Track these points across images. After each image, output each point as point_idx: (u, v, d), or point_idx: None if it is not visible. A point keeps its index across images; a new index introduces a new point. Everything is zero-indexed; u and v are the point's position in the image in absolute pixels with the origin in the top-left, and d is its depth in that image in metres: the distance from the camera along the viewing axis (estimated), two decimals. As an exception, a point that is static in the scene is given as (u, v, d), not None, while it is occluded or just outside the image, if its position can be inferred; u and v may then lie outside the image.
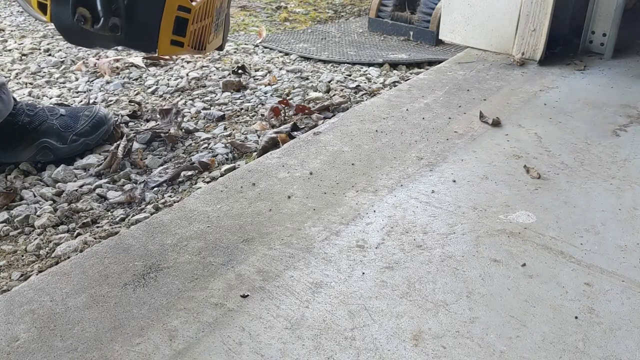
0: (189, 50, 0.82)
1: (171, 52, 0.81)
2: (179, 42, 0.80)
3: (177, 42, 0.80)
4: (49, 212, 1.02)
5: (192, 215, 0.95)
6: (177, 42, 0.80)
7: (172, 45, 0.80)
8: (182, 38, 0.80)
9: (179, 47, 0.80)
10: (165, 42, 0.79)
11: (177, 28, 0.79)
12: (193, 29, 0.80)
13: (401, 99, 1.39)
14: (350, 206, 0.98)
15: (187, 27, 0.79)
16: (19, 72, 1.63)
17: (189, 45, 0.81)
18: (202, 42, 0.85)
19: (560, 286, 0.80)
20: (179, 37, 0.80)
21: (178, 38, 0.80)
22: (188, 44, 0.80)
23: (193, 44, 0.82)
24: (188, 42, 0.80)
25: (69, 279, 0.81)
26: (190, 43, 0.81)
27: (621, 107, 1.34)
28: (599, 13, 1.61)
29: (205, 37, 0.85)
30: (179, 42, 0.80)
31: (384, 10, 1.99)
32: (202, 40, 0.85)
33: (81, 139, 1.19)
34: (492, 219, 0.94)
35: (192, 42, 0.81)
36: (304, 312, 0.76)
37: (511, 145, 1.17)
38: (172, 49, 0.80)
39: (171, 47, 0.80)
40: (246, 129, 1.33)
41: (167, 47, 0.80)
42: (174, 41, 0.80)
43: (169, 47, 0.80)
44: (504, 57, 1.64)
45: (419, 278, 0.81)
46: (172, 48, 0.80)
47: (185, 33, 0.79)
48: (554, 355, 0.69)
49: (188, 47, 0.81)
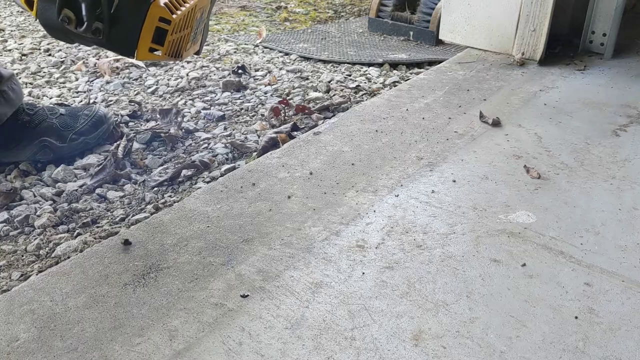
0: (166, 58, 0.86)
1: (148, 58, 0.85)
2: (157, 50, 0.84)
3: (156, 50, 0.84)
4: (49, 212, 1.02)
5: (192, 215, 0.95)
6: (155, 50, 0.84)
7: (150, 52, 0.84)
8: (161, 47, 0.83)
9: (157, 55, 0.84)
10: (143, 50, 0.83)
11: (157, 37, 0.83)
12: (172, 39, 0.84)
13: (401, 99, 1.39)
14: (350, 206, 0.98)
15: (166, 37, 0.83)
16: (19, 72, 1.63)
17: (166, 54, 0.85)
18: (179, 51, 0.88)
19: (560, 286, 0.80)
20: (158, 45, 0.83)
21: (156, 47, 0.83)
22: (165, 52, 0.84)
23: (170, 53, 0.86)
24: (166, 51, 0.84)
25: (69, 279, 0.81)
26: (167, 52, 0.85)
27: (621, 107, 1.34)
28: (599, 13, 1.61)
29: (182, 46, 0.89)
30: (157, 51, 0.84)
31: (384, 10, 1.99)
32: (180, 49, 0.88)
33: (81, 138, 1.19)
34: (492, 219, 0.94)
35: (169, 51, 0.85)
36: (304, 312, 0.76)
37: (511, 145, 1.17)
38: (149, 55, 0.84)
39: (149, 54, 0.84)
40: (246, 129, 1.33)
41: (145, 54, 0.83)
42: (152, 49, 0.84)
43: (147, 54, 0.84)
44: (504, 57, 1.64)
45: (419, 278, 0.81)
46: (149, 55, 0.84)
47: (164, 43, 0.83)
48: (554, 355, 0.69)
49: (165, 56, 0.85)
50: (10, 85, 1.14)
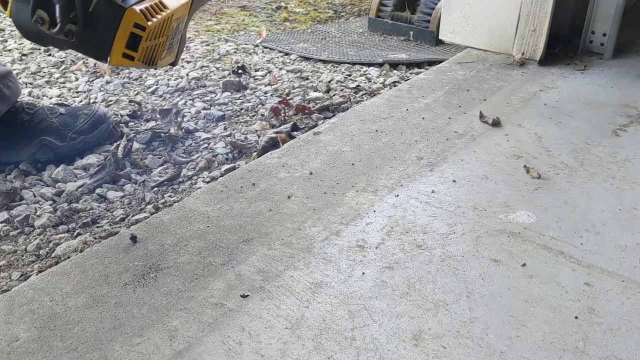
0: (139, 65, 0.86)
1: (122, 64, 0.84)
2: (130, 56, 0.83)
3: (129, 56, 0.83)
4: (49, 212, 1.02)
5: (192, 215, 0.95)
6: (128, 56, 0.83)
7: (123, 57, 0.83)
8: (134, 53, 0.83)
9: (130, 61, 0.84)
10: (117, 55, 0.82)
11: (131, 43, 0.82)
12: (146, 45, 0.84)
13: (401, 99, 1.39)
14: (350, 206, 0.98)
15: (140, 43, 0.83)
16: (19, 72, 1.63)
17: (140, 60, 0.84)
18: (153, 58, 0.88)
19: (560, 286, 0.80)
20: (132, 51, 0.83)
21: (130, 52, 0.83)
22: (139, 59, 0.84)
23: (144, 60, 0.85)
24: (139, 57, 0.83)
25: (69, 279, 0.81)
26: (141, 58, 0.84)
27: (621, 107, 1.34)
28: (599, 13, 1.61)
29: (157, 54, 0.88)
30: (131, 56, 0.83)
31: (384, 10, 1.99)
32: (154, 57, 0.88)
33: (80, 137, 1.20)
34: (492, 219, 0.94)
35: (143, 57, 0.84)
36: (304, 312, 0.76)
37: (511, 145, 1.17)
38: (123, 61, 0.83)
39: (122, 59, 0.83)
40: (246, 129, 1.33)
41: (118, 59, 0.83)
42: (126, 54, 0.83)
43: (120, 59, 0.83)
44: (504, 57, 1.64)
45: (419, 278, 0.81)
46: (123, 60, 0.83)
47: (137, 49, 0.83)
48: (554, 355, 0.69)
49: (139, 62, 0.84)
50: (6, 82, 1.14)
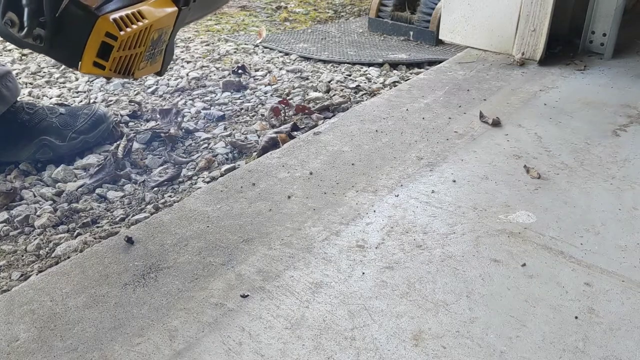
0: (112, 74, 0.83)
1: (92, 72, 0.82)
2: (101, 65, 0.81)
3: (100, 65, 0.81)
4: (49, 212, 1.02)
5: (192, 215, 0.95)
6: (99, 65, 0.81)
7: (94, 66, 0.81)
8: (105, 62, 0.81)
9: (101, 70, 0.82)
10: (87, 63, 0.80)
11: (102, 52, 0.80)
12: (118, 56, 0.82)
13: (401, 99, 1.39)
14: (350, 206, 0.98)
15: (111, 53, 0.81)
16: (19, 72, 1.63)
17: (111, 70, 0.82)
18: (129, 68, 0.86)
19: (560, 286, 0.80)
20: (102, 60, 0.81)
21: (101, 61, 0.81)
22: (110, 68, 0.82)
23: (116, 69, 0.83)
24: (110, 66, 0.81)
25: (69, 279, 0.81)
26: (112, 68, 0.82)
27: (621, 107, 1.34)
28: (599, 13, 1.61)
29: (134, 64, 0.86)
30: (101, 65, 0.81)
31: (384, 10, 1.99)
32: (130, 67, 0.86)
33: (80, 137, 1.20)
34: (492, 219, 0.94)
35: (115, 67, 0.82)
36: (304, 312, 0.76)
37: (511, 145, 1.17)
38: (93, 69, 0.81)
39: (93, 68, 0.81)
40: (246, 129, 1.33)
41: (89, 67, 0.81)
42: (97, 63, 0.81)
43: (91, 68, 0.81)
44: (504, 57, 1.64)
45: (419, 278, 0.81)
46: (93, 69, 0.81)
47: (109, 58, 0.81)
48: (554, 355, 0.69)
49: (110, 71, 0.82)
50: (4, 83, 1.14)
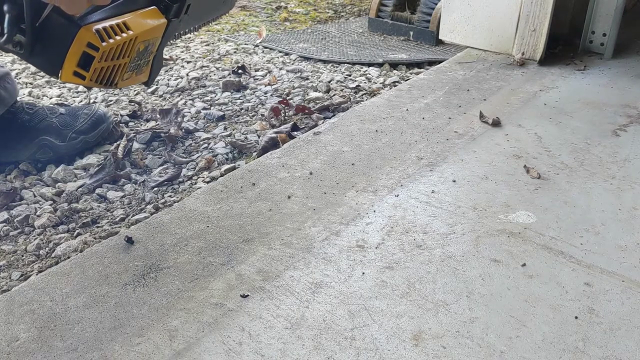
0: (93, 84, 0.82)
1: (73, 82, 0.81)
2: (81, 75, 0.80)
3: (80, 75, 0.80)
4: (49, 212, 1.02)
5: (192, 215, 0.95)
6: (79, 75, 0.80)
7: (74, 76, 0.80)
8: (86, 72, 0.80)
9: (81, 80, 0.81)
10: (68, 72, 0.79)
11: (84, 62, 0.79)
12: (99, 66, 0.81)
13: (401, 99, 1.39)
14: (350, 206, 0.98)
15: (92, 63, 0.79)
16: (19, 72, 1.63)
17: (92, 80, 0.81)
18: (111, 79, 0.85)
19: (560, 286, 0.80)
20: (83, 70, 0.80)
21: (81, 71, 0.80)
22: (91, 79, 0.81)
23: (98, 80, 0.82)
24: (91, 77, 0.80)
25: (69, 279, 0.81)
26: (93, 79, 0.81)
27: (621, 107, 1.34)
28: (599, 13, 1.61)
29: (117, 75, 0.85)
30: (82, 75, 0.80)
31: (384, 10, 1.99)
32: (113, 78, 0.85)
33: (80, 137, 1.20)
34: (492, 219, 0.94)
35: (96, 78, 0.81)
36: (304, 312, 0.76)
37: (511, 145, 1.17)
38: (74, 79, 0.80)
39: (73, 77, 0.80)
40: (246, 129, 1.33)
41: (69, 76, 0.80)
42: (77, 73, 0.80)
43: (71, 77, 0.80)
44: (504, 57, 1.64)
45: (419, 278, 0.81)
46: (74, 78, 0.80)
47: (89, 69, 0.80)
48: (554, 355, 0.69)
49: (91, 82, 0.81)
50: (3, 84, 1.14)
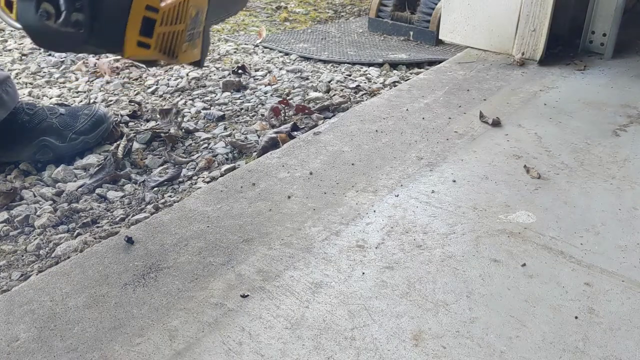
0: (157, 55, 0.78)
1: (138, 54, 0.77)
2: (146, 44, 0.76)
3: (144, 44, 0.77)
4: (49, 212, 1.02)
5: (192, 215, 0.95)
6: (144, 44, 0.76)
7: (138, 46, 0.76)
8: (149, 39, 0.76)
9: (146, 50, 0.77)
10: (131, 43, 0.76)
11: (145, 29, 0.76)
12: (161, 31, 0.77)
13: (401, 99, 1.39)
14: (350, 206, 0.98)
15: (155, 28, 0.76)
16: (19, 72, 1.63)
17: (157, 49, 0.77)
18: (172, 48, 0.81)
19: (560, 286, 0.80)
20: (146, 38, 0.76)
21: (145, 39, 0.76)
22: (155, 46, 0.77)
23: (162, 48, 0.78)
24: (155, 44, 0.77)
25: (69, 279, 0.81)
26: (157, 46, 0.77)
27: (621, 107, 1.34)
28: (599, 13, 1.61)
29: (177, 44, 0.81)
30: (146, 44, 0.77)
31: (384, 10, 1.99)
32: (173, 47, 0.81)
33: (80, 137, 1.20)
34: (492, 219, 0.94)
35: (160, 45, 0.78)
36: (304, 312, 0.76)
37: (511, 145, 1.17)
38: (139, 50, 0.76)
39: (138, 48, 0.76)
40: (246, 129, 1.33)
41: (133, 48, 0.76)
42: (141, 42, 0.76)
43: (136, 49, 0.76)
44: (504, 57, 1.64)
45: (419, 278, 0.81)
46: (139, 50, 0.76)
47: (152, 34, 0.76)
48: (554, 355, 0.69)
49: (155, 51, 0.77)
50: (4, 88, 1.13)
